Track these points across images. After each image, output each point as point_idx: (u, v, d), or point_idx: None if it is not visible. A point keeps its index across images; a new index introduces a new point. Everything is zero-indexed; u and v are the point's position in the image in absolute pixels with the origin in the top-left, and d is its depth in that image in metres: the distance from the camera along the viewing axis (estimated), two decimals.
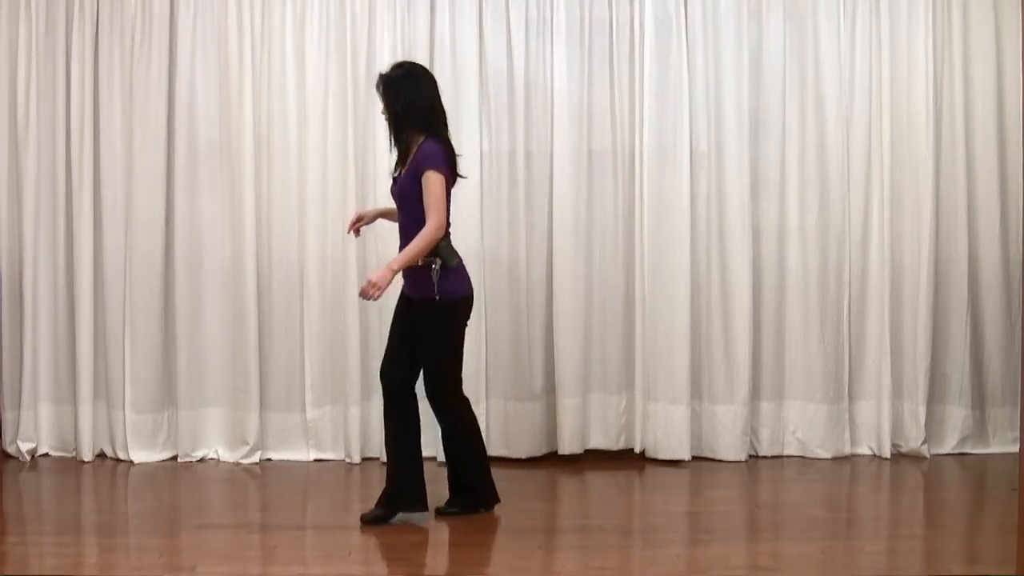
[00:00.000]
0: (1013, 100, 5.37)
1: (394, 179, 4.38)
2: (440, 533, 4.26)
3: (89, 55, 5.24)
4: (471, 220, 5.25)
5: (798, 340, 5.40)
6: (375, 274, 4.12)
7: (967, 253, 5.42)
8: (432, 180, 4.16)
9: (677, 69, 5.30)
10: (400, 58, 5.24)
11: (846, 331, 5.39)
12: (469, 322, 4.36)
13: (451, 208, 4.29)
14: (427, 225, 4.13)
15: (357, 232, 4.62)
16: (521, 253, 5.34)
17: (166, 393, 5.35)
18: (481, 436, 4.46)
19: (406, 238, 4.23)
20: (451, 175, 4.27)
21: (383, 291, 4.09)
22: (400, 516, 4.30)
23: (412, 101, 4.26)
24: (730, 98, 5.33)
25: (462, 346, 4.34)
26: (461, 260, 4.25)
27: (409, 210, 4.25)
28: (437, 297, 4.17)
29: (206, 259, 5.31)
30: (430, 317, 4.23)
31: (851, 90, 5.39)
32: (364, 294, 4.10)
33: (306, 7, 5.27)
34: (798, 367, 5.40)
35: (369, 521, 4.27)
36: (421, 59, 5.28)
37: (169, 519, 4.46)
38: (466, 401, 4.42)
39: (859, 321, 5.43)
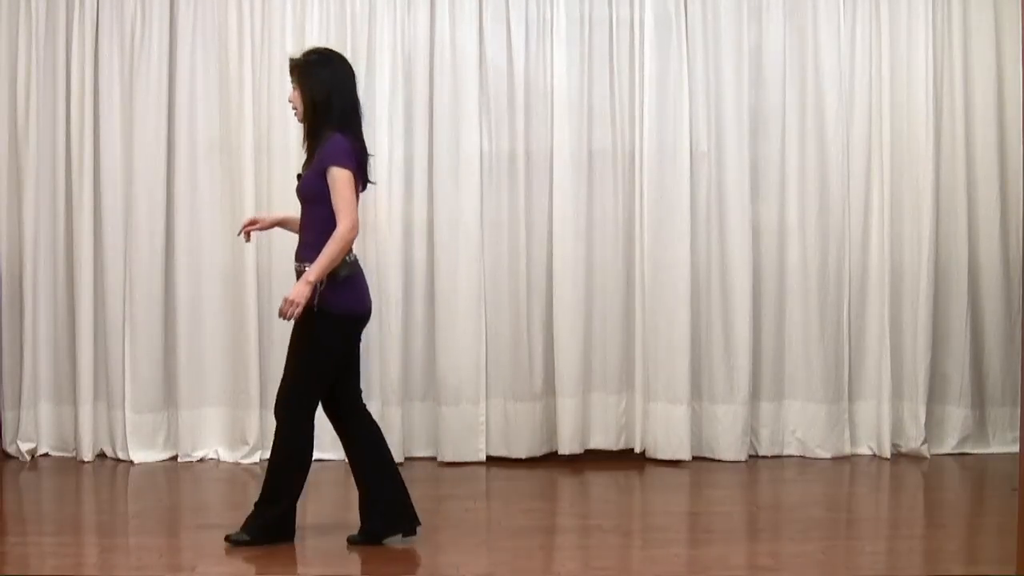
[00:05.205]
0: (1013, 100, 5.37)
1: (299, 176, 4.03)
2: (440, 533, 4.25)
3: (89, 55, 5.24)
4: (471, 220, 5.26)
5: (798, 340, 5.40)
6: (292, 290, 3.80)
7: (967, 253, 5.42)
8: (339, 177, 3.81)
9: (677, 69, 5.30)
10: (400, 58, 5.26)
11: (846, 331, 5.39)
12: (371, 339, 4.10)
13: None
14: (339, 227, 3.79)
15: (248, 236, 4.26)
16: (521, 253, 5.34)
17: (166, 393, 5.35)
18: (302, 474, 4.02)
19: (311, 239, 3.90)
20: (360, 176, 3.91)
21: (302, 306, 3.76)
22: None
23: (334, 91, 3.92)
24: (730, 98, 5.33)
25: (329, 369, 3.94)
26: (353, 273, 3.91)
27: (312, 210, 3.92)
28: (315, 308, 3.81)
29: (206, 259, 5.31)
30: (302, 326, 3.87)
31: (851, 90, 5.39)
32: (282, 313, 3.79)
33: (306, 7, 5.27)
34: (798, 367, 5.40)
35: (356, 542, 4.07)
36: (421, 59, 5.31)
37: (169, 519, 4.46)
38: (309, 430, 3.98)
39: (859, 321, 5.43)
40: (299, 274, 3.90)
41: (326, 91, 3.92)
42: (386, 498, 4.03)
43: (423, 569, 3.90)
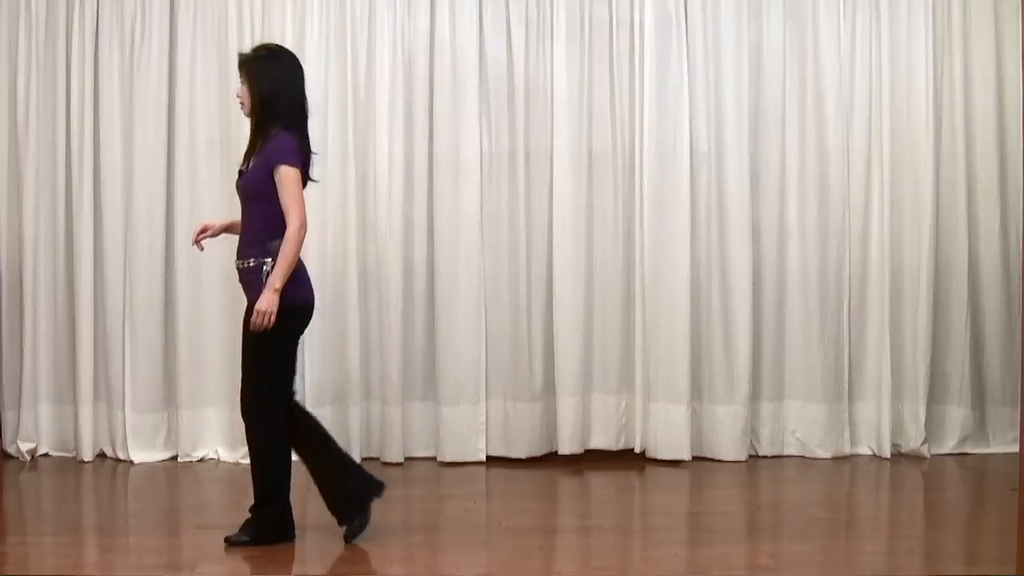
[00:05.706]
0: (1013, 100, 5.37)
1: (240, 172, 4.03)
2: (440, 533, 4.26)
3: (89, 55, 5.24)
4: (471, 220, 5.26)
5: (798, 340, 5.40)
6: (261, 300, 3.80)
7: (967, 253, 5.42)
8: (288, 176, 3.83)
9: (677, 69, 5.31)
10: (401, 58, 5.26)
11: (846, 331, 5.40)
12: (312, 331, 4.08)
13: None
14: (289, 227, 3.81)
15: (201, 246, 4.25)
16: (521, 253, 5.34)
17: (166, 393, 5.35)
18: (287, 471, 4.00)
19: (252, 237, 3.93)
20: (304, 173, 3.94)
21: (274, 313, 3.78)
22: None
23: (282, 88, 3.93)
24: (730, 98, 5.33)
25: (287, 361, 3.97)
26: (299, 267, 3.92)
27: (256, 207, 3.93)
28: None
29: (206, 259, 5.28)
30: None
31: (851, 90, 5.39)
32: (255, 327, 3.80)
33: (306, 7, 5.27)
34: (798, 367, 5.40)
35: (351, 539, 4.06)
36: (421, 59, 5.31)
37: (169, 519, 4.46)
38: (283, 427, 3.97)
39: (859, 321, 5.43)
40: (240, 272, 3.96)
41: (274, 88, 3.94)
42: (349, 484, 4.05)
43: (423, 569, 3.90)
